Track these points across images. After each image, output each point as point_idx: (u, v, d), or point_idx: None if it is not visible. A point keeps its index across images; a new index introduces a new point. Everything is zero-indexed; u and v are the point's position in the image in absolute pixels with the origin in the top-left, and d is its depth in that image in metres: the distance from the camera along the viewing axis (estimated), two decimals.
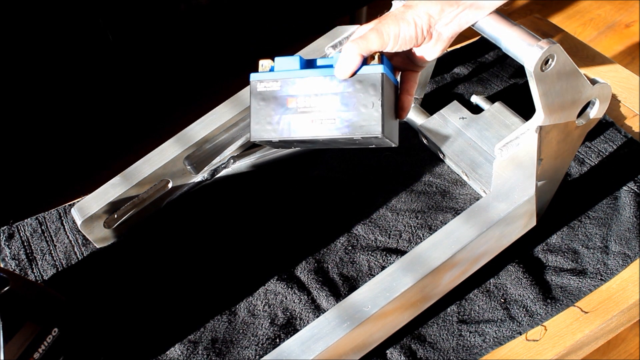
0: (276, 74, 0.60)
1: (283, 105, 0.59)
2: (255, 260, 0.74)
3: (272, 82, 0.60)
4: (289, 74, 0.60)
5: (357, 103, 0.58)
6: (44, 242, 0.78)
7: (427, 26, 0.59)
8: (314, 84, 0.59)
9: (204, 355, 0.65)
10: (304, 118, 0.59)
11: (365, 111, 0.57)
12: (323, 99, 0.59)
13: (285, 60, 0.61)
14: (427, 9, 0.58)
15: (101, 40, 1.41)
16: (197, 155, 0.78)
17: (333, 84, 0.58)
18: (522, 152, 0.64)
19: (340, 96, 0.58)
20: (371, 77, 0.58)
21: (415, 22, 0.58)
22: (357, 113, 0.58)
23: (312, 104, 0.59)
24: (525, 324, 0.66)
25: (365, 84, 0.58)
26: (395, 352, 0.65)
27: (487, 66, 0.97)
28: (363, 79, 0.58)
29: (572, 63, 0.60)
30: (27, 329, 0.55)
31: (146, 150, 0.76)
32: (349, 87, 0.58)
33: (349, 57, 0.58)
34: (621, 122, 0.87)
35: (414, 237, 0.75)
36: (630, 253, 0.71)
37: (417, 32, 0.59)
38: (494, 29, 0.61)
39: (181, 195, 0.80)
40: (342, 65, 0.58)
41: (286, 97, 0.59)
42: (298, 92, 0.59)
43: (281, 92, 0.60)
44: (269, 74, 0.60)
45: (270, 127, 0.60)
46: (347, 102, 0.58)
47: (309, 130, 0.59)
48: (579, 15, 2.02)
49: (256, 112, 0.60)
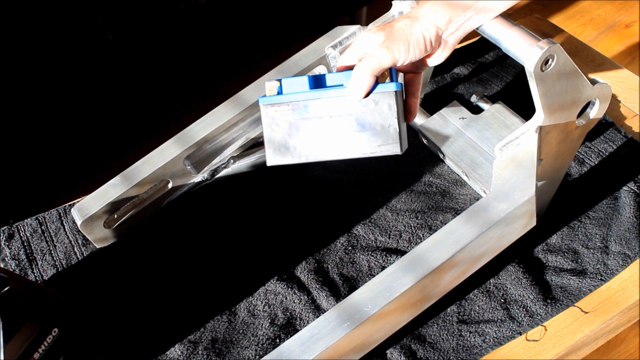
0: (286, 97, 0.59)
1: (297, 129, 0.59)
2: (255, 260, 0.74)
3: (283, 105, 0.59)
4: (299, 97, 0.58)
5: (373, 123, 0.57)
6: (44, 242, 0.78)
7: (435, 37, 0.59)
8: (327, 106, 0.58)
9: (204, 355, 0.65)
10: (320, 141, 0.58)
11: (382, 131, 0.57)
12: (338, 121, 0.58)
13: (293, 82, 0.59)
14: (434, 21, 0.58)
15: (101, 40, 1.41)
16: (197, 155, 0.78)
17: (346, 104, 0.58)
18: (522, 152, 0.64)
19: (356, 117, 0.58)
20: (385, 95, 0.57)
21: (424, 36, 0.58)
22: (374, 132, 0.57)
23: (327, 126, 0.58)
24: (525, 324, 0.66)
25: (379, 103, 0.57)
26: (395, 352, 0.65)
27: (487, 66, 0.97)
28: (377, 98, 0.57)
29: (572, 63, 0.60)
30: (27, 329, 0.55)
31: (146, 150, 0.76)
32: (364, 107, 0.57)
33: (363, 78, 0.57)
34: (621, 122, 0.87)
35: (414, 237, 0.75)
36: (630, 253, 0.71)
37: (427, 46, 0.59)
38: (494, 30, 0.61)
39: (181, 195, 0.80)
40: (356, 87, 0.57)
41: (299, 121, 0.58)
42: (311, 115, 0.58)
43: (294, 116, 0.58)
44: (278, 98, 0.59)
45: (286, 151, 0.59)
46: (362, 122, 0.58)
47: (327, 152, 0.59)
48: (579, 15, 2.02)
49: (270, 138, 0.59)
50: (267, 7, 1.62)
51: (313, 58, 0.77)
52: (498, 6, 0.61)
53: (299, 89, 0.59)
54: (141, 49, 1.48)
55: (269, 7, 1.62)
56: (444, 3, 0.59)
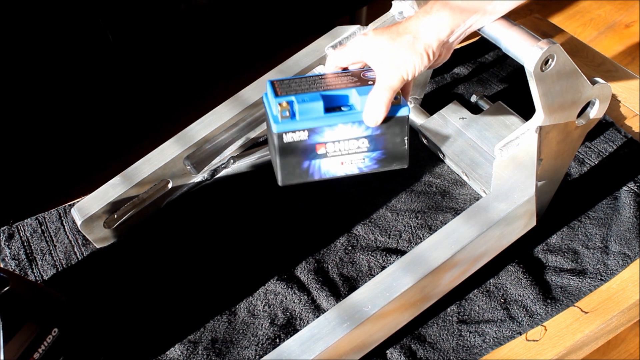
0: (301, 123, 0.59)
1: (312, 152, 0.60)
2: (255, 260, 0.74)
3: (299, 132, 0.60)
4: (315, 123, 0.59)
5: (386, 142, 0.60)
6: (44, 242, 0.78)
7: (437, 50, 0.60)
8: (342, 131, 0.60)
9: (204, 355, 0.65)
10: (334, 161, 0.61)
11: (393, 149, 0.61)
12: (352, 143, 0.61)
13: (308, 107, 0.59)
14: (437, 35, 0.59)
15: (101, 41, 1.41)
16: (197, 155, 0.78)
17: (361, 128, 0.60)
18: (522, 152, 0.64)
19: (369, 139, 0.60)
20: (398, 119, 0.60)
21: (427, 52, 0.59)
22: (385, 151, 0.61)
23: (342, 148, 0.61)
24: (525, 324, 0.66)
25: (392, 125, 0.60)
26: (395, 352, 0.65)
27: (487, 66, 0.97)
28: (390, 121, 0.60)
29: (572, 63, 0.60)
30: (27, 329, 0.55)
31: (146, 150, 0.76)
32: (377, 130, 0.60)
33: (379, 108, 0.58)
34: (621, 122, 0.87)
35: (414, 237, 0.75)
36: (630, 253, 0.71)
37: (430, 59, 0.60)
38: (494, 30, 0.61)
39: (181, 195, 0.80)
40: (373, 116, 0.59)
41: (315, 145, 0.60)
42: (327, 139, 0.60)
43: (309, 141, 0.60)
44: (294, 124, 0.59)
45: (300, 172, 0.61)
46: (375, 143, 0.61)
47: (338, 170, 0.61)
48: (579, 15, 2.02)
49: (285, 162, 0.61)
50: (267, 7, 1.62)
51: (313, 58, 0.77)
52: (502, 7, 0.61)
53: (313, 114, 0.60)
54: (141, 49, 1.48)
55: (269, 7, 1.62)
56: (449, 10, 0.59)
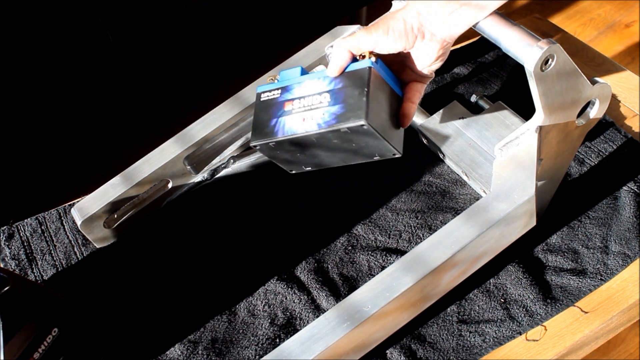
0: (278, 83, 0.64)
1: (280, 109, 0.62)
2: (255, 260, 0.74)
3: (274, 90, 0.63)
4: (289, 82, 0.63)
5: (345, 96, 0.59)
6: (44, 242, 0.78)
7: (417, 24, 0.59)
8: (309, 87, 0.61)
9: (204, 355, 0.65)
10: (297, 117, 0.61)
11: (351, 102, 0.59)
12: (315, 98, 0.61)
13: (288, 72, 0.64)
14: (416, 8, 0.59)
15: (101, 41, 1.41)
16: (197, 155, 0.78)
17: (325, 82, 0.61)
18: (522, 152, 0.64)
19: (330, 93, 0.60)
20: (359, 71, 0.60)
21: (404, 20, 0.59)
22: (343, 105, 0.59)
23: (305, 104, 0.61)
24: (525, 324, 0.66)
25: (353, 78, 0.59)
26: (395, 352, 0.65)
27: (487, 66, 0.97)
28: (351, 74, 0.60)
29: (572, 63, 0.60)
30: (27, 329, 0.55)
31: (146, 150, 0.76)
32: (339, 84, 0.60)
33: (338, 54, 0.60)
34: (621, 122, 0.87)
35: (414, 237, 0.75)
36: (630, 253, 0.71)
37: (407, 29, 0.59)
38: (494, 29, 0.61)
39: (181, 195, 0.80)
40: (331, 63, 0.60)
41: (283, 102, 0.62)
42: (294, 96, 0.62)
43: (280, 98, 0.63)
44: (272, 85, 0.64)
45: (267, 130, 0.62)
46: (335, 97, 0.60)
47: (300, 127, 0.60)
48: (579, 15, 2.02)
49: (256, 119, 0.63)
50: (267, 7, 1.61)
51: (313, 58, 0.77)
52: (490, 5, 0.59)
53: (291, 77, 0.63)
54: (141, 49, 1.48)
55: (269, 7, 1.62)
56: None
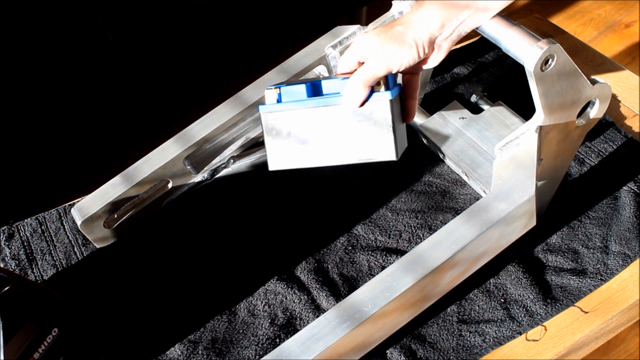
0: (284, 105, 0.61)
1: (296, 136, 0.61)
2: (255, 260, 0.74)
3: (281, 113, 0.61)
4: (297, 105, 0.61)
5: (369, 131, 0.59)
6: (44, 242, 0.78)
7: (428, 43, 0.59)
8: (324, 114, 0.60)
9: (204, 355, 0.65)
10: (318, 147, 0.60)
11: (378, 138, 0.59)
12: (335, 128, 0.60)
13: (292, 90, 0.61)
14: (427, 27, 0.58)
15: (101, 40, 1.41)
16: (197, 155, 0.78)
17: (343, 113, 0.60)
18: (522, 152, 0.64)
19: (352, 125, 0.60)
20: (380, 105, 0.59)
21: (416, 43, 0.59)
22: (369, 140, 0.59)
23: (325, 134, 0.60)
24: (525, 324, 0.66)
25: (374, 112, 0.59)
26: (395, 352, 0.65)
27: (487, 66, 0.97)
28: (372, 107, 0.59)
29: (572, 63, 0.60)
30: (27, 329, 0.55)
31: (146, 150, 0.76)
32: (359, 116, 0.59)
33: (357, 89, 0.58)
34: (621, 122, 0.87)
35: (414, 237, 0.75)
36: (630, 253, 0.71)
37: (419, 52, 0.59)
38: (494, 30, 0.61)
39: (181, 195, 0.80)
40: (350, 98, 0.59)
41: (298, 128, 0.61)
42: (309, 123, 0.60)
43: (292, 123, 0.61)
44: (277, 106, 0.61)
45: (287, 157, 0.61)
46: (358, 130, 0.60)
47: (325, 158, 0.61)
48: (579, 15, 2.02)
49: (271, 145, 0.62)
50: (267, 7, 1.61)
51: (313, 58, 0.77)
52: (494, 6, 0.60)
53: (297, 97, 0.61)
54: (141, 49, 1.48)
55: (269, 7, 1.62)
56: (440, 4, 0.58)
